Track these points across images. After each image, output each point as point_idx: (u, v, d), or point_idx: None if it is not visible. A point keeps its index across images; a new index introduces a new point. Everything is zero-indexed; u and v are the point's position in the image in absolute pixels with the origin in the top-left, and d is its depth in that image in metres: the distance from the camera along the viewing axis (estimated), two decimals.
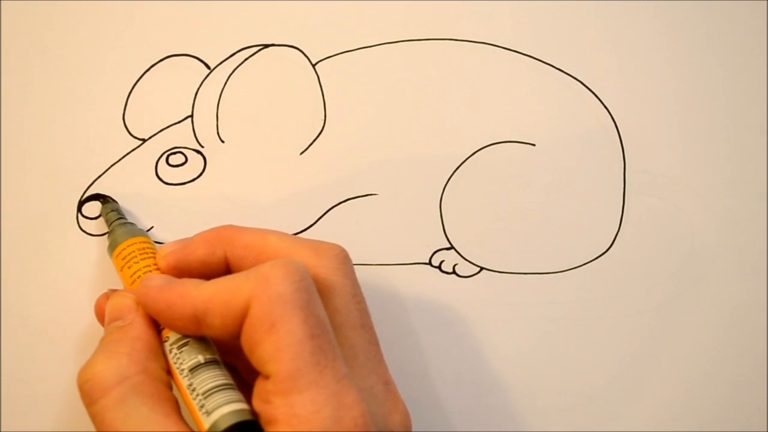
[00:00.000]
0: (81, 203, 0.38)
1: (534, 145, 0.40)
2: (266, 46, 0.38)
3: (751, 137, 0.42)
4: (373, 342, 0.32)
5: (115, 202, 0.37)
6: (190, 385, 0.30)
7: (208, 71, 0.38)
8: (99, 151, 0.38)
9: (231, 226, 0.34)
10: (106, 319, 0.33)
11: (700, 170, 0.41)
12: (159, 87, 0.38)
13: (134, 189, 0.38)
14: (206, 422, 0.29)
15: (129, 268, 0.34)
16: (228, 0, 0.38)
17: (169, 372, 0.31)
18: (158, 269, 0.34)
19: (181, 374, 0.30)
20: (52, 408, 0.37)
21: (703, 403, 0.42)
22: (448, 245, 0.40)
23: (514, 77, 0.40)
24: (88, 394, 0.30)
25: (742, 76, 0.41)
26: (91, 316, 0.35)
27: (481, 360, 0.41)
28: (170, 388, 0.31)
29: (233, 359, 0.34)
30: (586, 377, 0.41)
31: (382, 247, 0.39)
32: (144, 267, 0.34)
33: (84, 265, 0.37)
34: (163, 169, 0.38)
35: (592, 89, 0.40)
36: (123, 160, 0.38)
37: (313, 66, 0.39)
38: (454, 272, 0.40)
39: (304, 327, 0.29)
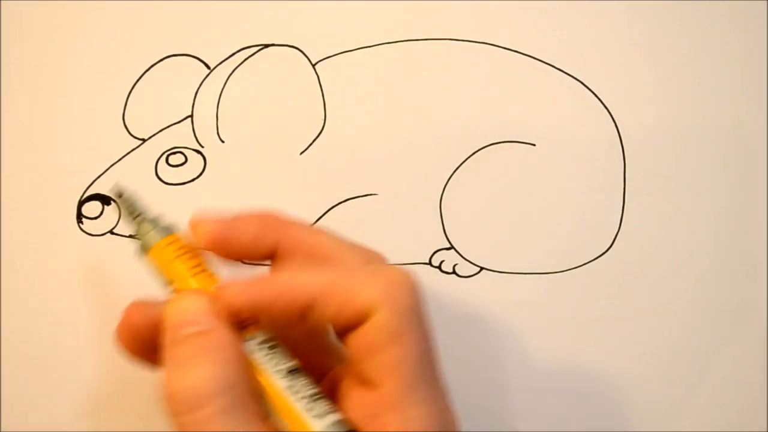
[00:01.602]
0: (81, 203, 0.38)
1: (534, 145, 0.40)
2: (266, 46, 0.38)
3: (751, 137, 0.42)
4: (437, 352, 0.33)
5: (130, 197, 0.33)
6: (292, 386, 0.29)
7: (208, 71, 0.38)
8: (99, 151, 0.38)
9: (278, 216, 0.32)
10: (172, 324, 0.29)
11: (700, 170, 0.41)
12: (159, 87, 0.38)
13: (134, 189, 0.38)
14: (317, 425, 0.28)
15: (187, 260, 0.31)
16: (228, 0, 0.38)
17: None
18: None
19: (277, 375, 0.29)
20: (52, 408, 0.37)
21: (703, 403, 0.42)
22: (448, 245, 0.40)
23: (514, 77, 0.40)
24: (183, 403, 0.28)
25: (742, 76, 0.41)
26: (91, 316, 0.35)
27: (481, 360, 0.41)
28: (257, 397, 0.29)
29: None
30: (586, 377, 0.41)
31: (382, 247, 0.39)
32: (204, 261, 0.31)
33: (84, 265, 0.37)
34: (163, 169, 0.38)
35: (593, 89, 0.40)
36: (123, 160, 0.38)
37: (313, 66, 0.39)
38: (454, 272, 0.40)
39: (425, 341, 0.29)
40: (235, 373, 0.28)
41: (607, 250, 0.41)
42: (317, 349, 0.33)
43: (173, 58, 0.38)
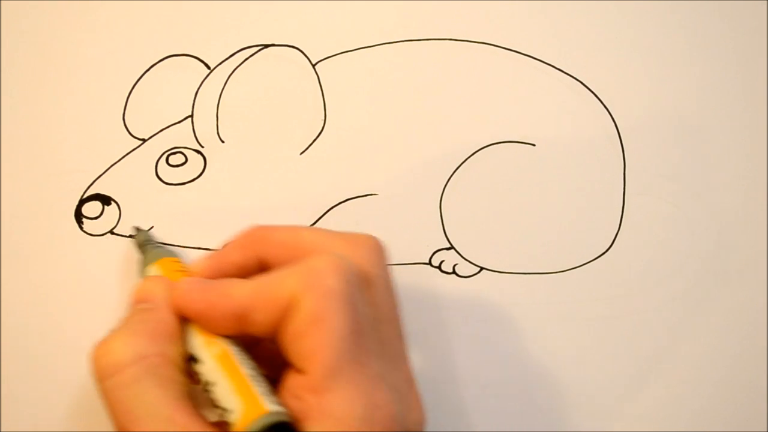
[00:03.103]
0: (81, 203, 0.38)
1: (534, 145, 0.40)
2: (266, 46, 0.38)
3: (751, 137, 0.42)
4: (402, 337, 0.32)
5: (146, 231, 0.37)
6: (254, 376, 0.30)
7: (208, 71, 0.38)
8: (99, 151, 0.38)
9: (261, 226, 0.34)
10: (132, 301, 0.33)
11: (700, 170, 0.41)
12: (159, 87, 0.38)
13: (134, 189, 0.38)
14: (271, 407, 0.28)
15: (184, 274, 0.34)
16: (228, 0, 0.38)
17: (189, 360, 0.31)
18: None
19: (244, 366, 0.30)
20: (52, 408, 0.37)
21: (703, 403, 0.42)
22: (448, 245, 0.40)
23: (514, 77, 0.40)
24: (103, 369, 0.30)
25: (742, 76, 0.41)
26: (91, 315, 0.36)
27: (480, 360, 0.41)
28: (184, 374, 0.31)
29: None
30: (586, 377, 0.41)
31: None
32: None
33: (84, 265, 0.37)
34: (163, 169, 0.38)
35: (593, 89, 0.40)
36: (123, 160, 0.38)
37: (313, 66, 0.39)
38: (454, 272, 0.40)
39: (349, 323, 0.29)
40: (151, 346, 0.30)
41: (607, 250, 0.41)
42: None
43: (173, 58, 0.38)
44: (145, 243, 0.36)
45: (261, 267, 0.33)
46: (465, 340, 0.41)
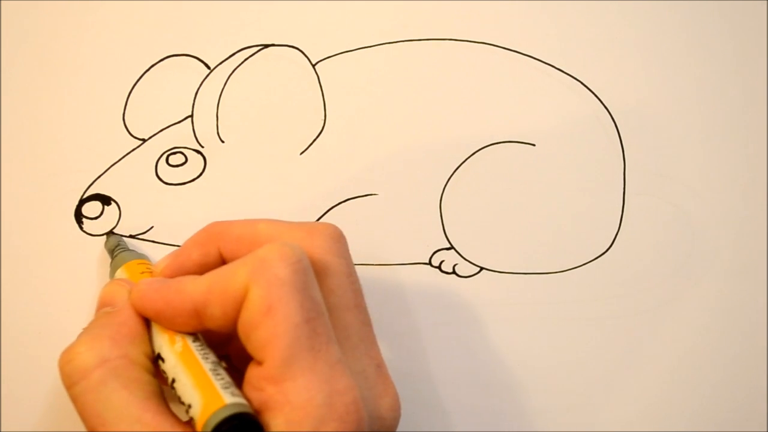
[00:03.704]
0: (81, 203, 0.38)
1: (534, 145, 0.40)
2: (266, 46, 0.38)
3: (751, 137, 0.42)
4: (367, 323, 0.32)
5: (118, 235, 0.38)
6: (214, 369, 0.30)
7: (208, 71, 0.38)
8: (99, 151, 0.38)
9: (219, 222, 0.34)
10: (97, 306, 0.33)
11: (700, 170, 0.41)
12: (159, 87, 0.38)
13: (134, 189, 0.38)
14: (229, 399, 0.29)
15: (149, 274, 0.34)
16: (228, 0, 0.38)
17: (154, 359, 0.31)
18: None
19: (205, 360, 0.30)
20: (52, 408, 0.37)
21: (703, 403, 0.42)
22: (448, 245, 0.40)
23: (514, 77, 0.40)
24: (69, 376, 0.30)
25: (742, 76, 0.41)
26: (91, 315, 0.35)
27: (480, 360, 0.41)
28: (152, 373, 0.31)
29: (223, 349, 0.34)
30: (586, 377, 0.41)
31: (382, 247, 0.39)
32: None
33: (84, 265, 0.37)
34: (163, 169, 0.38)
35: (592, 89, 0.40)
36: (123, 160, 0.38)
37: (313, 66, 0.39)
38: (454, 272, 0.40)
39: (300, 311, 0.29)
40: (114, 348, 0.30)
41: (607, 250, 0.41)
42: None
43: (173, 58, 0.38)
44: (114, 248, 0.37)
45: (219, 264, 0.33)
46: (464, 340, 0.41)
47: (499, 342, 0.41)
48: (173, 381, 0.30)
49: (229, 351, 0.34)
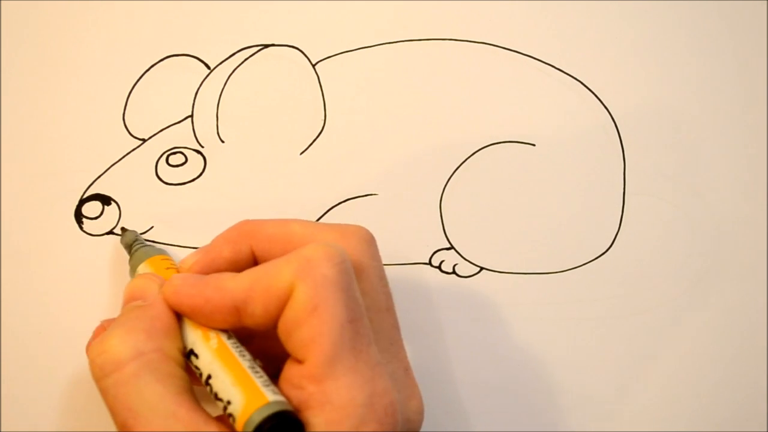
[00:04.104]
0: (81, 203, 0.38)
1: (534, 145, 0.40)
2: (266, 46, 0.38)
3: (751, 137, 0.42)
4: (396, 326, 0.32)
5: (134, 231, 0.37)
6: (252, 367, 0.30)
7: (208, 71, 0.38)
8: (99, 151, 0.38)
9: (250, 221, 0.33)
10: (125, 299, 0.33)
11: (700, 170, 0.41)
12: (159, 87, 0.38)
13: (134, 189, 0.38)
14: (272, 397, 0.29)
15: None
16: (228, 0, 0.38)
17: (187, 354, 0.31)
18: None
19: (242, 357, 0.30)
20: (52, 408, 0.37)
21: (703, 403, 0.42)
22: (448, 245, 0.40)
23: (514, 77, 0.40)
24: (101, 367, 0.29)
25: (742, 76, 0.41)
26: (91, 315, 0.35)
27: (481, 360, 0.41)
28: (184, 368, 0.30)
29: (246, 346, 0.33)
30: (586, 377, 0.41)
31: (382, 247, 0.39)
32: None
33: (84, 265, 0.37)
34: (163, 169, 0.38)
35: (592, 89, 0.40)
36: (123, 160, 0.38)
37: (313, 66, 0.39)
38: (454, 272, 0.40)
39: (346, 311, 0.29)
40: (148, 342, 0.30)
41: (607, 250, 0.41)
42: None
43: (173, 58, 0.38)
44: (132, 243, 0.36)
45: (251, 262, 0.33)
46: (464, 340, 0.41)
47: (499, 342, 0.41)
48: (209, 377, 0.30)
49: (250, 350, 0.34)
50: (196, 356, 0.31)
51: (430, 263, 0.40)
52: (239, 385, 0.29)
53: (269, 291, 0.29)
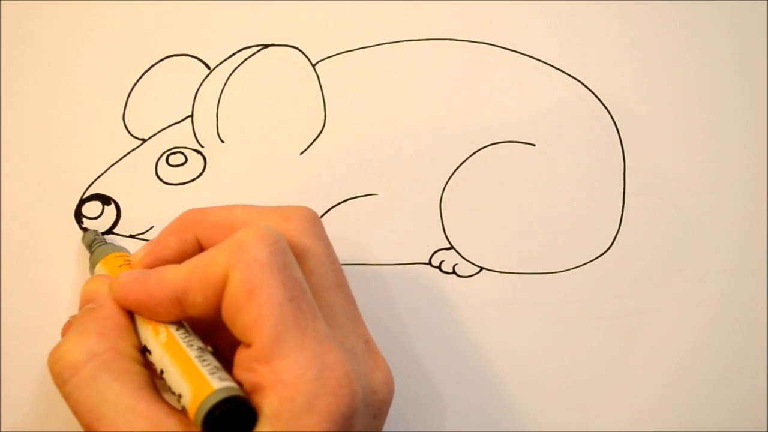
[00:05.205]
0: (81, 203, 0.38)
1: (534, 145, 0.40)
2: (266, 46, 0.38)
3: (751, 137, 0.42)
4: (351, 301, 0.32)
5: (94, 230, 0.37)
6: (200, 356, 0.30)
7: (208, 71, 0.38)
8: (99, 151, 0.38)
9: (194, 210, 0.34)
10: (80, 303, 0.33)
11: (700, 170, 0.41)
12: (159, 87, 0.38)
13: (134, 189, 0.38)
14: (218, 385, 0.29)
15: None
16: (228, 0, 0.38)
17: (142, 351, 0.31)
18: None
19: (189, 348, 0.30)
20: (52, 408, 0.37)
21: (703, 402, 0.42)
22: (448, 245, 0.40)
23: (514, 77, 0.40)
24: (60, 374, 0.30)
25: (742, 76, 0.41)
26: None
27: (480, 360, 0.41)
28: (142, 364, 0.31)
29: (211, 341, 0.34)
30: (586, 377, 0.41)
31: (382, 247, 0.39)
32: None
33: (84, 264, 0.37)
34: (163, 169, 0.38)
35: (592, 89, 0.40)
36: (123, 160, 0.38)
37: (313, 66, 0.39)
38: (454, 272, 0.40)
39: (283, 290, 0.29)
40: (101, 342, 0.30)
41: (607, 250, 0.41)
42: None
43: (173, 58, 0.38)
44: (92, 243, 0.36)
45: (198, 251, 0.33)
46: (465, 340, 0.41)
47: (499, 342, 0.41)
48: (162, 372, 0.30)
49: (217, 342, 0.34)
50: (150, 352, 0.31)
51: (430, 263, 0.40)
52: (186, 376, 0.29)
53: (206, 279, 0.29)
